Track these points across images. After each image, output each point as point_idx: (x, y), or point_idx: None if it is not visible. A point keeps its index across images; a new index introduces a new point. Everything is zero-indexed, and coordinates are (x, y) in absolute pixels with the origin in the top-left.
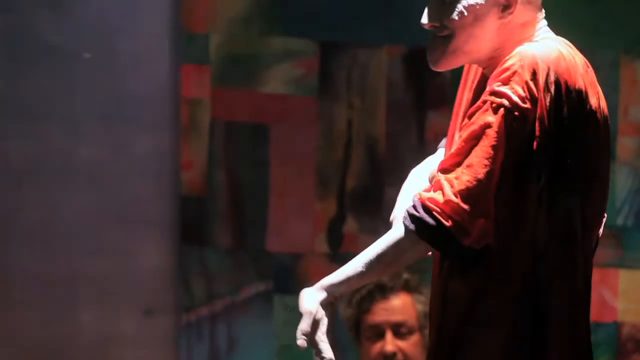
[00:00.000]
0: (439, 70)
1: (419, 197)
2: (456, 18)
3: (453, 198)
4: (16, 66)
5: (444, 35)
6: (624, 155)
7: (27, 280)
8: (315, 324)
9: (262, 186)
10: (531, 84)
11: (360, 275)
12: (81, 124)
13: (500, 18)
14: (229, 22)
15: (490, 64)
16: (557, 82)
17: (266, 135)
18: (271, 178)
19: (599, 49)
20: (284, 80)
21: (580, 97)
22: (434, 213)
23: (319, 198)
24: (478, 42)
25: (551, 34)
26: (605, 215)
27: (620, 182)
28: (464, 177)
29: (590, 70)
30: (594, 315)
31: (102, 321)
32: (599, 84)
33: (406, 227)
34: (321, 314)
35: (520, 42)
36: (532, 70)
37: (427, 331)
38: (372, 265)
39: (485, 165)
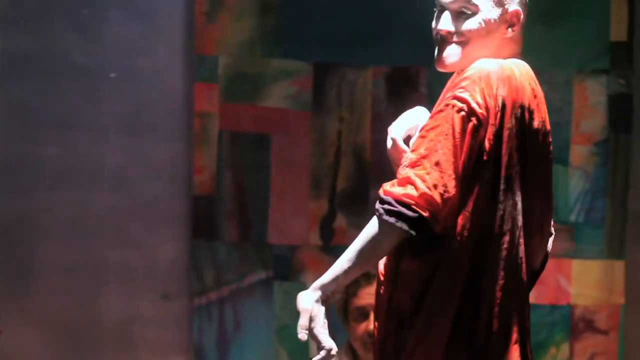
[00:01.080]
0: (446, 70)
1: (390, 195)
2: (474, 28)
3: (427, 191)
4: (51, 84)
5: (458, 41)
6: (576, 161)
7: (60, 270)
8: (312, 319)
9: (263, 187)
10: (486, 93)
11: (346, 272)
12: (107, 133)
13: (505, 34)
14: (234, 46)
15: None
16: (506, 97)
17: (267, 144)
18: (272, 180)
19: (555, 69)
20: (283, 96)
21: (523, 113)
22: (412, 206)
23: (313, 198)
24: (485, 50)
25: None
26: (552, 212)
27: (573, 183)
28: (434, 173)
29: (540, 95)
30: (552, 299)
31: (125, 304)
32: (555, 101)
33: (384, 221)
34: (317, 310)
35: (509, 56)
36: (486, 82)
37: None
38: (354, 260)
39: (452, 163)
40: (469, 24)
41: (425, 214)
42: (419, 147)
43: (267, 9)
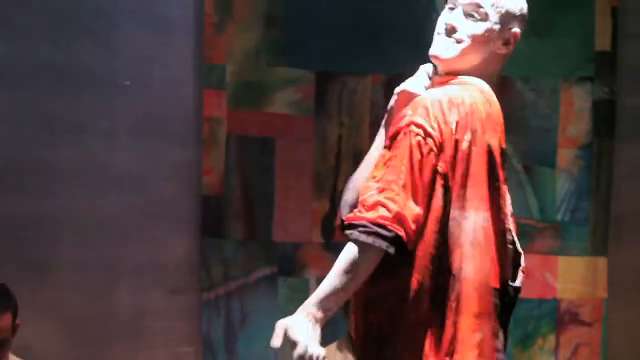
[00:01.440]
0: (438, 62)
1: (364, 219)
2: (478, 33)
3: (400, 211)
4: (68, 91)
5: (458, 39)
6: (562, 164)
7: (75, 266)
8: (308, 345)
9: (268, 188)
10: (439, 119)
11: (326, 299)
12: (121, 138)
13: (499, 49)
14: (241, 56)
15: (446, 78)
16: (458, 121)
17: (272, 147)
18: (276, 182)
19: (543, 77)
20: (286, 102)
21: (475, 136)
22: (388, 226)
23: (315, 198)
24: (477, 56)
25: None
26: (510, 226)
27: (559, 185)
28: (402, 195)
29: (496, 116)
30: (539, 293)
31: (137, 298)
32: (543, 107)
33: (362, 242)
34: (311, 337)
35: (488, 73)
36: (439, 109)
37: None
38: (336, 286)
39: (416, 186)
40: (474, 28)
41: (400, 233)
42: (385, 175)
43: (271, 20)
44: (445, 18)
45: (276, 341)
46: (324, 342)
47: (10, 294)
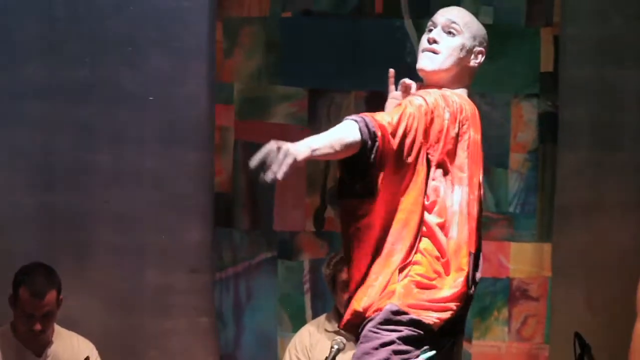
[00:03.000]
0: (425, 74)
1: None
2: (454, 46)
3: (390, 125)
4: (104, 105)
5: (438, 51)
6: (514, 165)
7: (111, 250)
8: (286, 155)
9: (270, 186)
10: (439, 104)
11: (316, 148)
12: (148, 144)
13: (470, 61)
14: (246, 76)
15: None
16: (452, 112)
17: None
18: (276, 181)
19: (497, 93)
20: (284, 115)
21: (462, 127)
22: (374, 125)
23: (308, 194)
24: (454, 67)
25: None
26: (480, 200)
27: (511, 183)
28: (402, 125)
29: (477, 117)
30: (495, 273)
31: (161, 277)
32: (498, 118)
33: (352, 120)
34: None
35: (462, 85)
36: (440, 95)
37: None
38: (323, 141)
39: (412, 128)
40: (452, 41)
41: (378, 134)
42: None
43: (271, 46)
44: (426, 36)
45: (255, 160)
46: (315, 316)
47: (55, 273)
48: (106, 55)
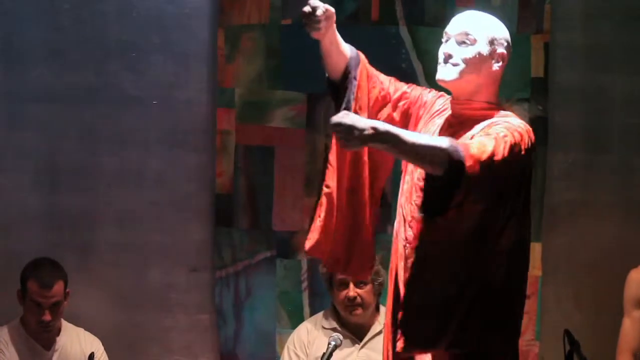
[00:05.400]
0: (445, 85)
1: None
2: (469, 57)
3: (481, 158)
4: (108, 109)
5: (455, 63)
6: None
7: (115, 248)
8: (352, 123)
9: (269, 187)
10: (526, 139)
11: (397, 143)
12: (151, 146)
13: (492, 66)
14: (247, 81)
15: (465, 102)
16: (530, 147)
17: (272, 154)
18: (275, 182)
19: None
20: (283, 118)
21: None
22: (463, 154)
23: (306, 195)
24: (474, 75)
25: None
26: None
27: None
28: (495, 149)
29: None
30: None
31: (163, 275)
32: None
33: (447, 147)
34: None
35: (490, 91)
36: (523, 135)
37: (376, 283)
38: (411, 140)
39: (502, 165)
40: (466, 52)
41: (464, 162)
42: (496, 140)
43: (271, 52)
44: (442, 49)
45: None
46: (312, 313)
47: (60, 266)
48: (110, 60)
